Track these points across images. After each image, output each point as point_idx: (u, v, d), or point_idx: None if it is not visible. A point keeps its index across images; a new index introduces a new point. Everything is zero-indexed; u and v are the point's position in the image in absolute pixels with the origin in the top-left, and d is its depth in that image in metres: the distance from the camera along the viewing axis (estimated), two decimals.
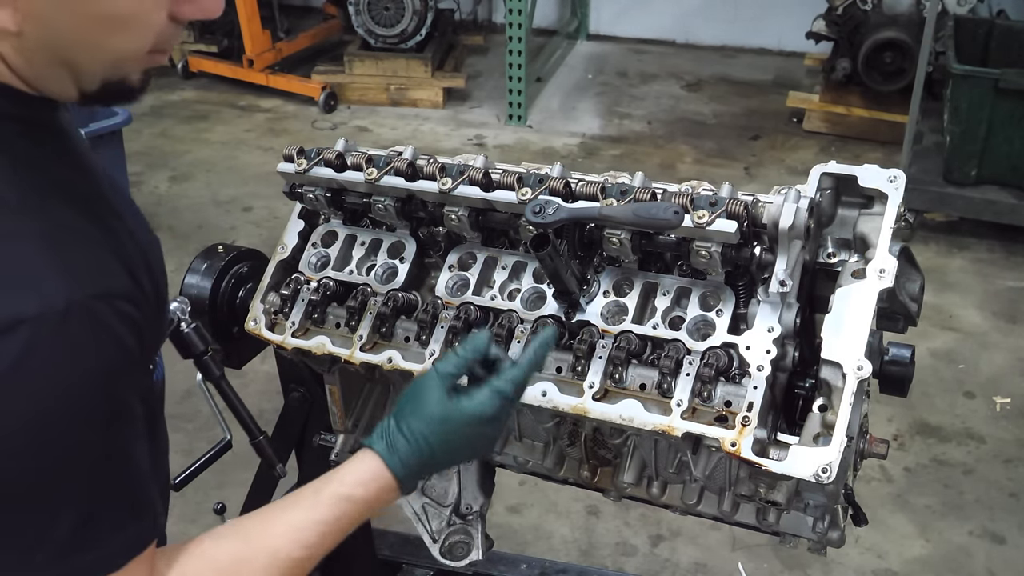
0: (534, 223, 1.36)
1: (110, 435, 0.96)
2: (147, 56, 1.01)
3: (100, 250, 0.98)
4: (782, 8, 6.33)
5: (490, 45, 6.84)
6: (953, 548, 2.98)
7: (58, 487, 0.94)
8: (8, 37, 0.93)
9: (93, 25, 0.94)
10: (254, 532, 1.14)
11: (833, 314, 1.39)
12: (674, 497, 1.66)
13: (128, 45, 0.98)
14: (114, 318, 0.95)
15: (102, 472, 0.96)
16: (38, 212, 0.94)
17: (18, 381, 0.89)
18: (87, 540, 0.96)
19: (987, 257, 4.41)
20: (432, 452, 1.18)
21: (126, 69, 1.02)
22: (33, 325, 0.88)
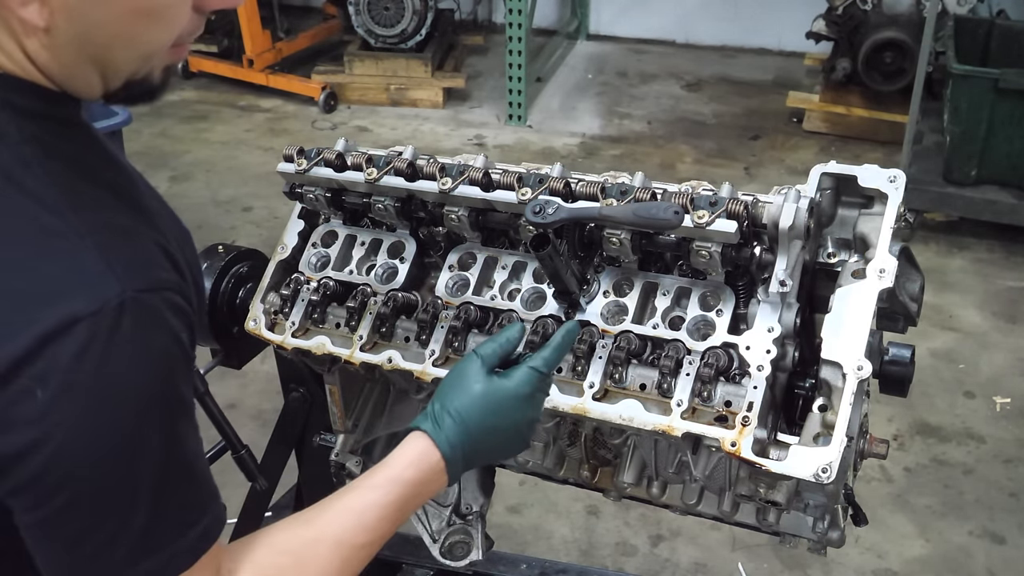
0: (534, 223, 1.36)
1: (173, 429, 0.96)
2: (170, 51, 1.01)
3: (145, 243, 0.98)
4: (782, 8, 6.33)
5: (490, 45, 6.84)
6: (953, 548, 2.98)
7: (127, 487, 0.93)
8: (37, 33, 0.92)
9: (127, 17, 0.94)
10: (317, 520, 1.15)
11: (833, 314, 1.39)
12: (674, 497, 1.66)
13: (159, 37, 0.98)
14: (167, 310, 0.95)
15: (168, 468, 0.96)
16: (80, 210, 0.93)
17: (79, 380, 0.88)
18: (158, 540, 0.96)
19: (987, 257, 4.41)
20: (476, 431, 1.21)
21: (152, 64, 1.01)
22: (90, 323, 0.88)
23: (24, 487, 0.92)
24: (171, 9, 0.96)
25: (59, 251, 0.91)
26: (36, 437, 0.89)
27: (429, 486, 1.20)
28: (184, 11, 0.98)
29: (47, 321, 0.87)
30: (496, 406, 1.22)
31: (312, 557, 1.11)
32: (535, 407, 1.27)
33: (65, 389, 0.88)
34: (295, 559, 1.11)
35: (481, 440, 1.22)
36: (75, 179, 0.96)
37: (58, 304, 0.88)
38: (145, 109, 5.87)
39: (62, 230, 0.91)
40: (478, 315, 1.57)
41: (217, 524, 1.02)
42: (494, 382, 1.23)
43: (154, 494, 0.95)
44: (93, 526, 0.93)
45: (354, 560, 1.14)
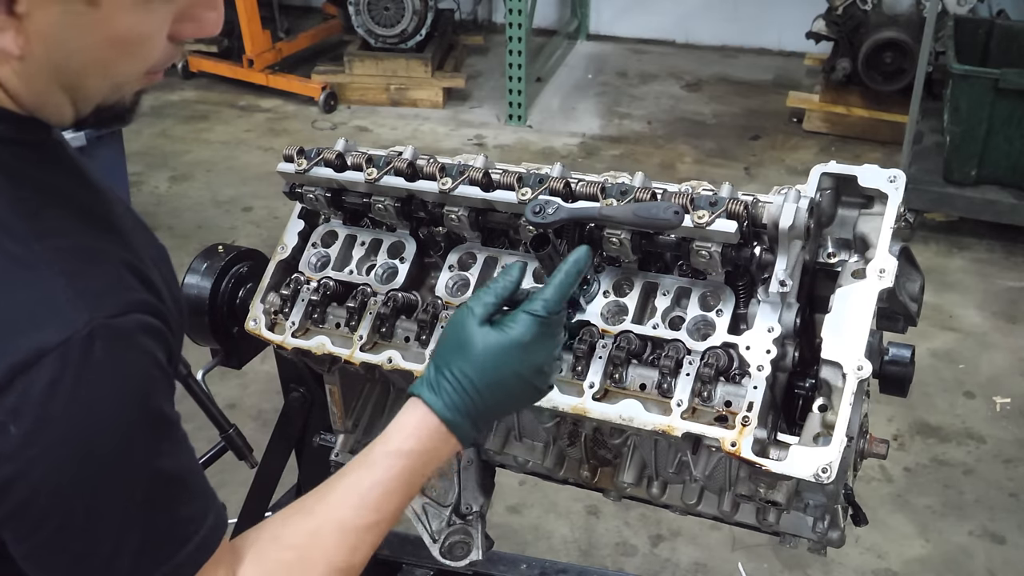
0: (534, 223, 1.36)
1: (157, 448, 0.95)
2: (143, 78, 1.00)
3: (115, 265, 0.97)
4: (782, 8, 6.33)
5: (490, 45, 6.84)
6: (953, 548, 2.98)
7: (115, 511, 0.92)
8: (10, 61, 0.92)
9: (103, 47, 0.93)
10: (317, 507, 1.11)
11: (833, 314, 1.39)
12: (674, 497, 1.66)
13: (133, 67, 0.97)
14: (140, 333, 0.94)
15: (156, 487, 0.95)
16: (47, 237, 0.93)
17: (53, 412, 0.87)
18: (155, 558, 0.95)
19: (987, 257, 4.41)
20: (477, 388, 1.13)
21: (124, 91, 1.01)
22: (59, 354, 0.87)
23: (11, 518, 0.91)
24: (147, 41, 0.96)
25: (25, 281, 0.90)
26: (15, 470, 0.88)
27: (435, 453, 1.15)
28: (159, 42, 0.97)
29: (16, 353, 0.86)
30: (496, 360, 1.14)
31: (317, 548, 1.09)
32: (543, 352, 1.16)
33: (39, 422, 0.87)
34: (299, 554, 1.08)
35: (486, 397, 1.14)
36: (43, 205, 0.95)
37: (26, 336, 0.87)
38: (145, 109, 5.87)
39: (28, 260, 0.90)
40: None
41: (216, 532, 1.01)
42: (490, 335, 1.14)
43: (144, 514, 0.94)
44: (86, 553, 0.93)
45: (363, 543, 1.11)
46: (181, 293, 1.12)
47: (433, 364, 1.17)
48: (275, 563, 1.08)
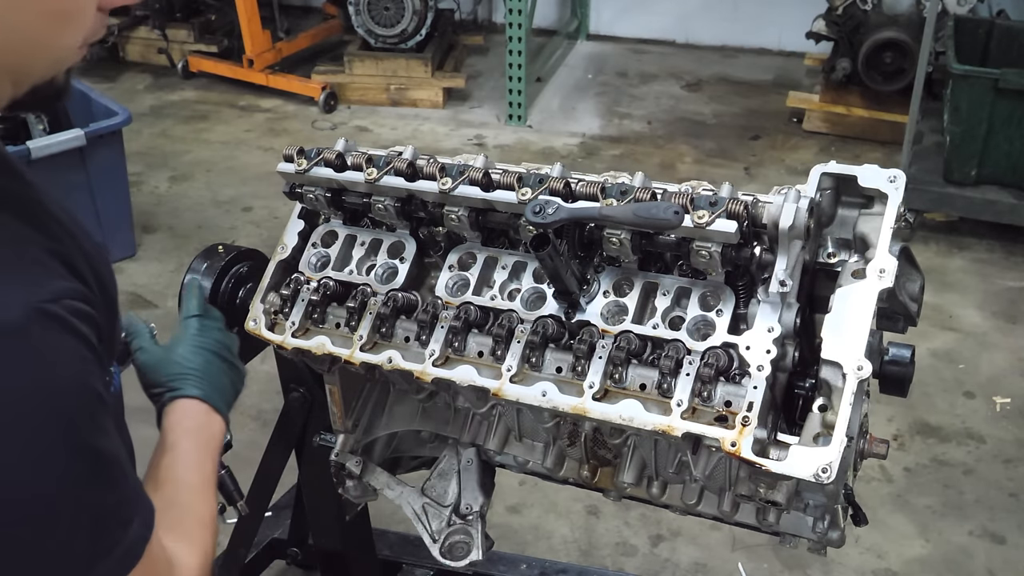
0: (534, 223, 1.36)
1: (97, 433, 0.95)
2: (76, 52, 1.00)
3: (42, 254, 0.97)
4: (782, 8, 6.33)
5: (490, 45, 6.83)
6: (953, 548, 2.98)
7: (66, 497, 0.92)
8: None
9: (40, 21, 0.93)
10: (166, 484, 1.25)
11: (833, 314, 1.39)
12: (674, 497, 1.66)
13: (71, 39, 0.97)
14: (72, 317, 0.94)
15: (99, 469, 0.96)
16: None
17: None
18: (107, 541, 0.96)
19: (987, 257, 4.41)
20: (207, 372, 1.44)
21: (60, 68, 1.01)
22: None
23: None
24: (81, 12, 0.96)
25: None
26: None
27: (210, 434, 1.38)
28: (91, 12, 0.97)
29: None
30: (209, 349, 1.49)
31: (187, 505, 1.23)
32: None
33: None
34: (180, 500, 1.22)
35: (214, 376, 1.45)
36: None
37: None
38: (145, 109, 5.88)
39: None
40: (478, 315, 1.57)
41: (151, 511, 1.03)
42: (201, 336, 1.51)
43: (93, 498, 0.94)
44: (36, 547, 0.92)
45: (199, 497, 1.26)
46: (115, 292, 1.14)
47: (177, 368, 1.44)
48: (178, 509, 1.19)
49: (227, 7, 6.12)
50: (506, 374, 1.50)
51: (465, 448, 1.77)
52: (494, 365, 1.53)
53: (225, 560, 2.22)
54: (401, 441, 1.93)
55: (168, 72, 6.37)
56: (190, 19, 6.40)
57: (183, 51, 6.34)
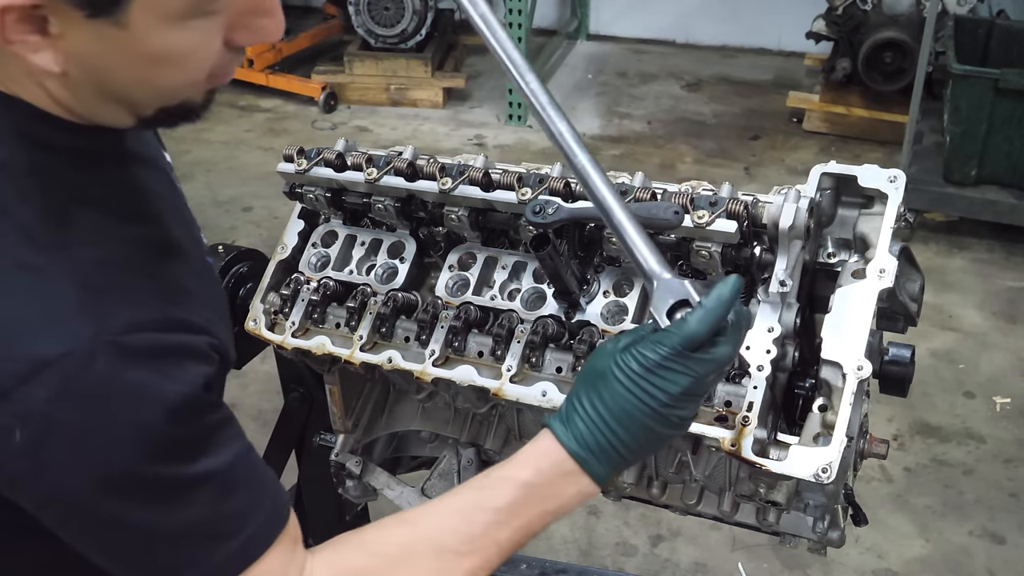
0: (534, 223, 1.36)
1: (172, 457, 0.94)
2: (203, 82, 0.98)
3: (142, 284, 0.96)
4: (782, 8, 6.32)
5: None
6: (953, 548, 2.98)
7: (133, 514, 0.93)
8: (54, 76, 0.91)
9: (140, 65, 0.92)
10: (419, 520, 1.07)
11: (833, 314, 1.39)
12: (674, 497, 1.66)
13: (179, 79, 0.95)
14: (150, 351, 0.92)
15: (174, 489, 0.95)
16: (71, 246, 0.92)
17: (56, 423, 0.88)
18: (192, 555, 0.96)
19: (987, 257, 4.41)
20: (606, 421, 1.03)
21: (182, 96, 0.99)
22: (60, 366, 0.87)
23: (39, 510, 0.93)
24: (190, 56, 0.93)
25: (31, 291, 0.90)
26: (23, 470, 0.90)
27: (555, 489, 1.05)
28: (211, 51, 0.94)
29: (17, 362, 0.87)
30: (628, 389, 1.03)
31: (404, 562, 1.03)
32: (677, 383, 1.02)
33: (42, 432, 0.88)
34: (384, 563, 1.03)
35: (618, 431, 1.03)
36: (83, 212, 0.95)
37: (26, 345, 0.87)
38: None
39: (41, 268, 0.90)
40: (478, 315, 1.57)
41: (267, 528, 1.00)
42: (627, 362, 1.03)
43: (165, 523, 0.95)
44: (109, 553, 0.95)
45: (456, 571, 1.03)
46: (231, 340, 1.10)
47: (569, 395, 1.08)
48: (352, 567, 1.04)
49: None
50: (506, 374, 1.50)
51: (465, 448, 1.77)
52: (494, 365, 1.53)
53: None
54: (401, 441, 1.94)
55: None
56: None
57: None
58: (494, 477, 1.06)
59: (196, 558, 0.96)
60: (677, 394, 1.03)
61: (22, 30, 0.86)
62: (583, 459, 1.04)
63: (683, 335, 1.03)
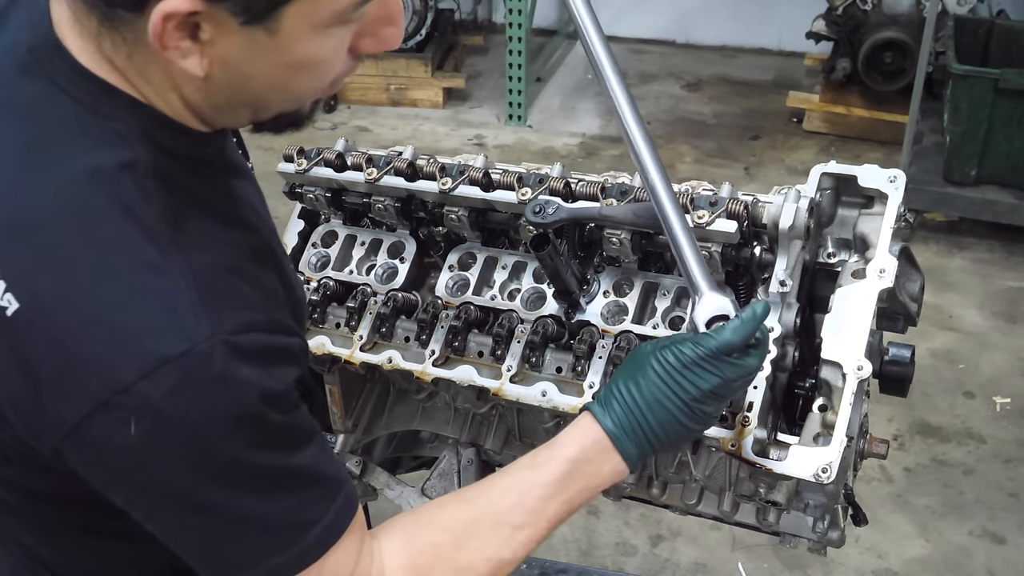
0: (534, 223, 1.36)
1: (270, 450, 0.98)
2: (322, 89, 1.03)
3: (249, 287, 1.00)
4: (782, 8, 6.32)
5: (490, 45, 6.83)
6: (953, 548, 2.98)
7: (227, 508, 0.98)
8: (195, 81, 0.95)
9: (282, 70, 0.96)
10: (478, 499, 1.16)
11: (833, 314, 1.39)
12: (674, 497, 1.66)
13: (312, 85, 1.00)
14: (258, 351, 0.96)
15: (270, 481, 0.99)
16: (191, 250, 0.95)
17: (171, 417, 0.91)
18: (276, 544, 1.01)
19: (987, 257, 4.41)
20: (640, 406, 1.14)
21: (307, 101, 1.05)
22: (178, 364, 0.91)
23: (131, 503, 0.99)
24: (325, 63, 0.98)
25: (156, 290, 0.93)
26: (132, 463, 0.93)
27: (596, 466, 1.16)
28: (338, 61, 0.99)
29: (141, 359, 0.90)
30: (662, 380, 1.14)
31: (472, 536, 1.12)
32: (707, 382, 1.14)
33: (157, 425, 0.91)
34: (453, 537, 1.12)
35: (649, 418, 1.14)
36: (196, 217, 0.98)
37: (150, 342, 0.91)
38: None
39: (164, 268, 0.93)
40: (478, 315, 1.57)
41: (343, 515, 1.04)
42: (664, 357, 1.15)
43: (261, 507, 0.99)
44: (206, 541, 1.00)
45: (513, 543, 1.13)
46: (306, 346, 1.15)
47: (608, 383, 1.19)
48: (426, 544, 1.12)
49: None
50: (506, 374, 1.50)
51: (465, 448, 1.77)
52: (494, 365, 1.53)
53: None
54: (401, 441, 1.94)
55: None
56: None
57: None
58: (543, 456, 1.16)
59: (283, 545, 1.01)
60: (706, 391, 1.14)
61: (177, 36, 0.89)
62: (617, 438, 1.15)
63: (720, 340, 1.15)
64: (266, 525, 1.00)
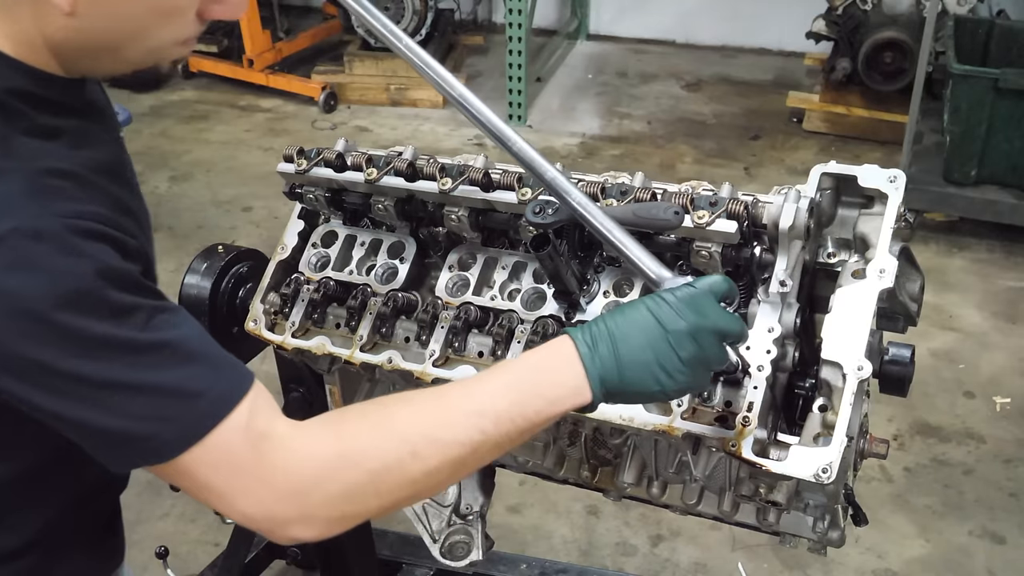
0: (534, 223, 1.36)
1: (117, 323, 1.01)
2: (177, 47, 1.12)
3: (87, 190, 1.05)
4: (782, 8, 6.33)
5: (490, 45, 6.83)
6: (953, 548, 2.98)
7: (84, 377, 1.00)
8: (60, 17, 1.02)
9: (145, 15, 1.06)
10: (428, 392, 1.19)
11: (833, 314, 1.39)
12: (674, 497, 1.66)
13: (169, 35, 1.10)
14: (86, 233, 1.01)
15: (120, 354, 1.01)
16: (23, 159, 1.02)
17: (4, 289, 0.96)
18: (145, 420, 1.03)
19: (987, 257, 4.41)
20: (614, 336, 1.12)
21: (158, 58, 1.13)
22: (9, 242, 0.96)
23: None
24: (184, 13, 1.09)
25: None
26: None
27: (556, 375, 1.13)
28: (191, 16, 1.10)
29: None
30: (640, 320, 1.13)
31: (405, 404, 1.13)
32: (687, 320, 1.13)
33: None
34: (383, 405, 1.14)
35: (621, 351, 1.12)
36: (36, 141, 1.05)
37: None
38: (145, 109, 5.87)
39: (7, 169, 1.01)
40: (478, 315, 1.57)
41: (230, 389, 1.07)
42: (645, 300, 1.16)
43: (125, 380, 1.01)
44: (80, 417, 1.02)
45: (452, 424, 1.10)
46: (154, 264, 1.23)
47: None
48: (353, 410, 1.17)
49: None
50: None
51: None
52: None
53: (225, 560, 2.22)
54: None
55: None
56: None
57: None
58: (504, 361, 1.23)
59: (163, 417, 1.02)
60: (684, 330, 1.13)
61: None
62: (585, 355, 1.12)
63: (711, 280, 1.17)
64: (135, 397, 1.01)
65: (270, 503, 1.06)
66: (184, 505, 3.06)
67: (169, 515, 3.06)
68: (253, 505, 1.06)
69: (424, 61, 1.44)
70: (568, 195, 1.29)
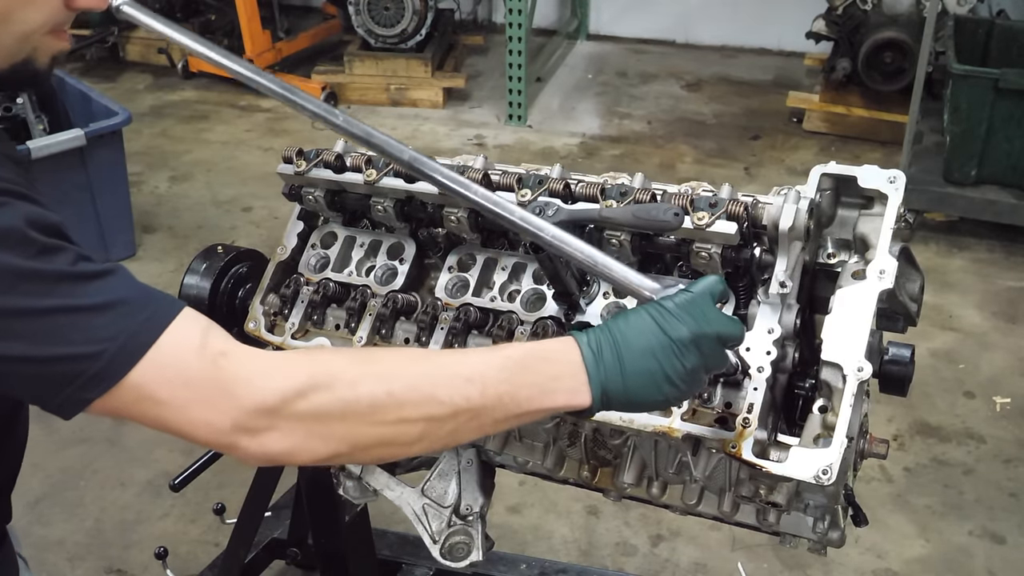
0: None
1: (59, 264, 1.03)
2: (49, 37, 1.12)
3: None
4: (782, 8, 6.33)
5: (490, 45, 6.83)
6: (953, 548, 2.98)
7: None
8: None
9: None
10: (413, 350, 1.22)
11: (833, 315, 1.39)
12: (674, 497, 1.66)
13: (32, 18, 1.09)
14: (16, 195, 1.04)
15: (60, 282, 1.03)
16: None
17: None
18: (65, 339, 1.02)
19: (987, 257, 4.41)
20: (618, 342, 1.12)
21: (31, 46, 1.12)
22: None
23: None
24: None
25: None
26: None
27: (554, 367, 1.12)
28: (58, 5, 1.10)
29: None
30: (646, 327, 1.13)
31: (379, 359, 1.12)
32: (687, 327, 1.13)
33: None
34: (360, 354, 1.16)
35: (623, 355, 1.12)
36: None
37: None
38: (145, 109, 5.87)
39: None
40: (478, 316, 1.57)
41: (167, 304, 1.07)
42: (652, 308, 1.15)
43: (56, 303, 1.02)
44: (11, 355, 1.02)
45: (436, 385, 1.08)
46: None
47: None
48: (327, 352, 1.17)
49: (227, 7, 6.12)
50: None
51: (465, 448, 1.77)
52: None
53: (225, 560, 2.22)
54: None
55: (168, 72, 6.36)
56: (190, 19, 6.39)
57: (183, 51, 6.32)
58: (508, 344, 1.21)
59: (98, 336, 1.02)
60: (688, 338, 1.13)
61: None
62: (587, 358, 1.12)
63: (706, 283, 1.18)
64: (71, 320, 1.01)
65: (235, 413, 1.03)
66: (184, 505, 3.06)
67: (169, 515, 3.06)
68: (216, 415, 1.03)
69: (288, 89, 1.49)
70: (542, 232, 1.27)
